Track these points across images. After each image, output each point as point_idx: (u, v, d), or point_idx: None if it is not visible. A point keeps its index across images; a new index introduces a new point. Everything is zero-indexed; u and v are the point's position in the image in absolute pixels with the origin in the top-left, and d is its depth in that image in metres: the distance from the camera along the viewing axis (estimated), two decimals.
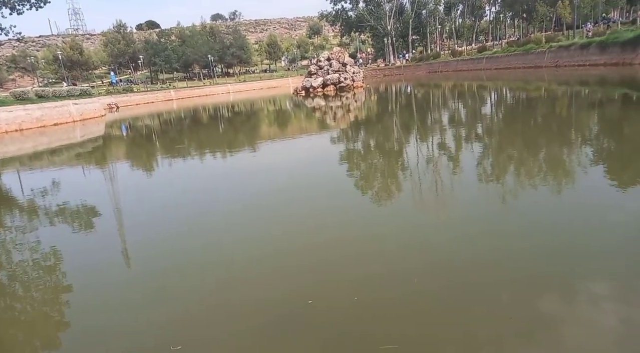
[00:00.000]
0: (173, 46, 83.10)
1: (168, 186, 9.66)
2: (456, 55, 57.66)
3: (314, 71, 40.08)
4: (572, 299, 3.52)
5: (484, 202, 6.14)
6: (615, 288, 3.63)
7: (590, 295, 3.54)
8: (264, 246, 5.29)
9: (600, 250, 4.29)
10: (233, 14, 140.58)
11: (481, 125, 13.80)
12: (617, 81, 22.33)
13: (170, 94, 65.11)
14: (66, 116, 31.20)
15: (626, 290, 3.57)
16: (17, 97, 30.71)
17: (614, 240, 4.47)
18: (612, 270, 3.88)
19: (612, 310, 3.33)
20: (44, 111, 29.26)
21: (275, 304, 3.86)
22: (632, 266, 3.93)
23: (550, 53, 37.15)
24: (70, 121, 31.23)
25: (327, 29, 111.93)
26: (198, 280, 4.57)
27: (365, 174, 8.88)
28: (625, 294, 3.51)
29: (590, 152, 8.51)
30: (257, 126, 22.18)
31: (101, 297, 4.41)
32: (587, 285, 3.68)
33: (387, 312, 3.58)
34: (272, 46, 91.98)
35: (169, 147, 17.08)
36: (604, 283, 3.72)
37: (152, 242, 5.91)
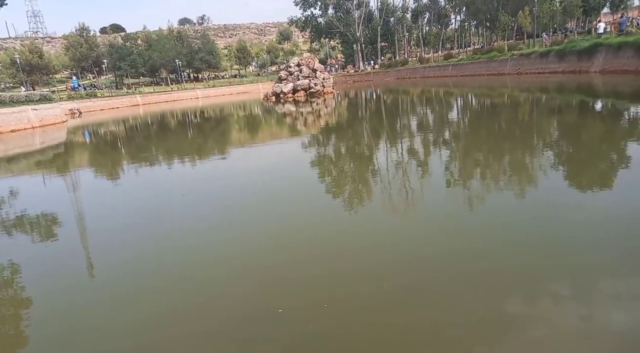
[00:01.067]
0: (139, 50, 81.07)
1: (133, 193, 9.37)
2: (423, 62, 58.97)
3: (284, 77, 40.06)
4: (537, 295, 3.61)
5: (450, 204, 6.26)
6: (576, 284, 3.75)
7: (553, 292, 3.64)
8: (231, 253, 5.21)
9: (561, 248, 4.44)
10: (201, 18, 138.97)
11: (448, 130, 14.13)
12: (575, 88, 23.40)
13: (137, 99, 63.42)
14: (24, 122, 29.84)
15: (586, 286, 3.71)
16: None
17: (574, 239, 4.65)
18: (572, 267, 4.02)
19: (572, 306, 3.44)
20: (0, 117, 27.88)
21: (245, 312, 3.79)
22: (591, 263, 4.09)
23: (513, 61, 38.58)
24: (29, 127, 29.88)
25: (297, 35, 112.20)
26: (163, 289, 4.44)
27: (336, 179, 8.90)
28: (585, 291, 3.64)
29: (550, 155, 8.85)
30: (227, 131, 21.90)
31: (64, 306, 4.22)
32: (550, 282, 3.80)
33: (358, 318, 3.58)
34: (242, 51, 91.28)
35: (135, 154, 16.60)
36: (565, 280, 3.84)
37: (116, 250, 5.69)
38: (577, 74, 29.26)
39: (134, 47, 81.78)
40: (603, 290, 3.66)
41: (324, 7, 74.41)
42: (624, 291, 3.62)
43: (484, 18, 57.34)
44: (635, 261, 4.08)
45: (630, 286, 3.68)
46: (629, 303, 3.45)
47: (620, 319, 3.24)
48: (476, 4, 55.06)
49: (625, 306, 3.40)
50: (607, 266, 4.03)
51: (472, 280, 4.01)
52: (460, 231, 5.23)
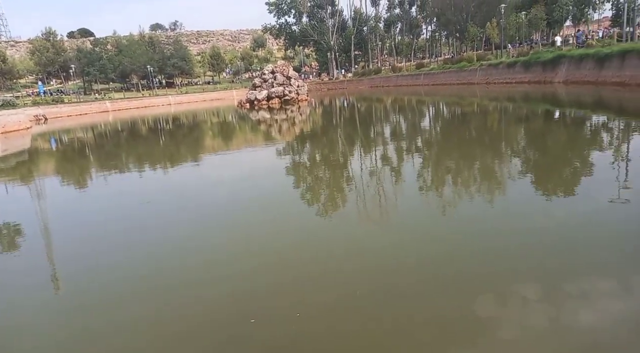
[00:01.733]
0: (109, 55, 79.24)
1: (101, 202, 9.08)
2: (396, 71, 60.01)
3: (259, 84, 39.95)
4: (504, 299, 3.70)
5: (422, 210, 6.36)
6: (543, 287, 3.86)
7: (520, 295, 3.74)
8: (202, 262, 5.11)
9: (529, 252, 4.57)
10: (174, 24, 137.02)
11: (421, 138, 14.39)
12: (540, 97, 24.30)
13: (106, 105, 61.77)
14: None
15: (554, 289, 3.82)
16: None
17: (541, 243, 4.79)
18: (539, 271, 4.14)
19: (540, 308, 3.53)
20: None
21: (217, 324, 3.72)
22: (558, 267, 4.22)
23: (482, 71, 39.76)
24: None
25: (272, 42, 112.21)
26: (132, 301, 4.31)
27: (311, 185, 8.90)
28: (554, 293, 3.75)
29: (518, 162, 9.13)
30: (200, 138, 21.59)
31: (29, 320, 4.02)
32: (518, 286, 3.89)
33: (331, 326, 3.56)
34: (215, 58, 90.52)
35: (104, 161, 16.14)
36: (532, 283, 3.95)
37: (82, 260, 5.49)
38: (542, 84, 30.40)
39: (103, 52, 79.86)
40: (569, 291, 3.78)
41: (297, 15, 74.85)
42: (590, 291, 3.75)
43: (454, 29, 58.99)
44: (604, 262, 4.24)
45: (596, 287, 3.82)
46: (595, 303, 3.57)
47: (586, 319, 3.35)
48: (446, 15, 56.64)
49: (591, 306, 3.52)
50: (574, 268, 4.17)
51: (443, 284, 4.06)
52: (432, 237, 5.32)
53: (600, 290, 3.78)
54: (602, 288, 3.81)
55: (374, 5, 73.01)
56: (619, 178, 7.07)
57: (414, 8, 72.28)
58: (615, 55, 23.36)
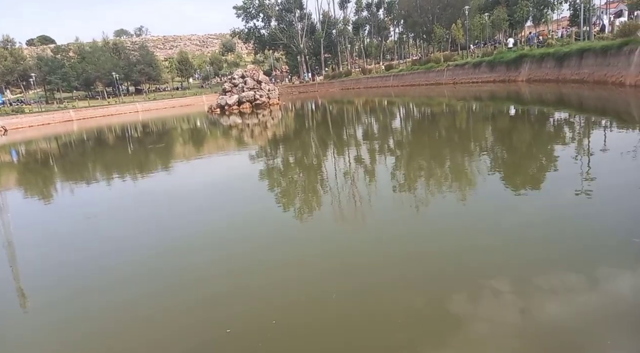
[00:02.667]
0: (71, 62, 76.72)
1: (68, 214, 8.74)
2: (366, 73, 60.61)
3: (229, 89, 39.48)
4: (478, 294, 3.74)
5: (396, 209, 6.40)
6: (514, 281, 3.93)
7: (493, 289, 3.79)
8: (175, 272, 4.97)
9: (499, 248, 4.66)
10: (139, 29, 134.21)
11: (393, 138, 14.55)
12: (505, 96, 25.02)
13: (70, 114, 59.65)
14: None
15: (523, 283, 3.89)
16: None
17: (510, 238, 4.89)
18: (509, 266, 4.23)
19: (511, 301, 3.60)
20: None
21: (193, 334, 3.60)
22: (527, 261, 4.31)
23: (449, 71, 40.65)
24: None
25: (241, 47, 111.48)
26: (102, 314, 4.13)
27: (284, 189, 8.83)
28: (523, 286, 3.83)
29: (486, 159, 9.34)
30: (170, 145, 21.13)
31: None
32: (490, 281, 3.95)
33: (308, 331, 3.52)
34: (184, 63, 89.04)
35: (69, 172, 15.56)
36: (503, 277, 4.02)
37: (50, 276, 5.24)
38: (506, 83, 31.34)
39: (65, 59, 77.31)
40: (539, 285, 3.86)
41: (266, 19, 74.63)
42: (559, 285, 3.84)
43: (420, 30, 60.09)
44: (572, 255, 4.36)
45: (565, 281, 3.92)
46: (563, 297, 3.66)
47: (553, 311, 3.43)
48: (413, 17, 57.66)
49: (559, 299, 3.60)
50: (542, 263, 4.27)
51: (417, 282, 4.09)
52: (406, 236, 5.35)
53: (569, 283, 3.87)
54: (571, 281, 3.92)
55: (342, 8, 73.61)
56: (582, 172, 7.33)
57: (382, 10, 73.31)
58: (574, 54, 24.33)
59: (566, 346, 3.03)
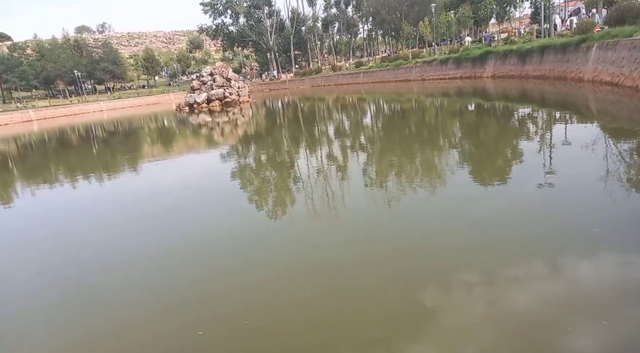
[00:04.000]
0: (30, 60, 73.37)
1: (29, 218, 8.36)
2: (336, 70, 60.77)
3: (197, 87, 38.76)
4: (448, 288, 3.83)
5: (368, 206, 6.45)
6: (483, 273, 4.04)
7: (464, 282, 3.89)
8: (142, 276, 4.84)
9: (468, 241, 4.78)
10: (102, 26, 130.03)
11: (364, 135, 14.66)
12: (471, 92, 25.65)
13: (29, 114, 57.04)
14: None
15: (491, 274, 4.01)
16: None
17: (478, 231, 5.02)
18: (479, 259, 4.34)
19: (481, 294, 3.69)
20: None
21: (164, 339, 3.52)
22: (495, 252, 4.44)
23: (417, 68, 41.29)
24: None
25: (209, 44, 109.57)
26: (71, 320, 3.98)
27: (257, 188, 8.75)
28: (492, 278, 3.94)
29: (456, 154, 9.56)
30: (137, 145, 20.55)
31: None
32: (461, 276, 4.05)
33: (281, 330, 3.50)
34: (150, 61, 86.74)
35: (31, 174, 14.89)
36: (474, 270, 4.12)
37: (9, 284, 5.00)
38: (472, 79, 32.13)
39: (23, 57, 73.85)
40: (505, 277, 3.98)
41: (234, 15, 73.62)
42: (524, 276, 3.97)
43: (389, 28, 60.80)
44: (537, 246, 4.51)
45: (530, 271, 4.05)
46: (528, 286, 3.78)
47: (519, 301, 3.54)
48: (381, 15, 58.29)
49: (525, 290, 3.73)
50: (508, 254, 4.40)
51: (389, 279, 4.14)
52: (378, 233, 5.40)
53: (534, 273, 4.01)
54: (536, 271, 4.05)
55: (310, 5, 73.46)
56: (545, 164, 7.60)
57: (350, 8, 73.64)
58: (536, 50, 25.18)
59: (532, 334, 3.13)
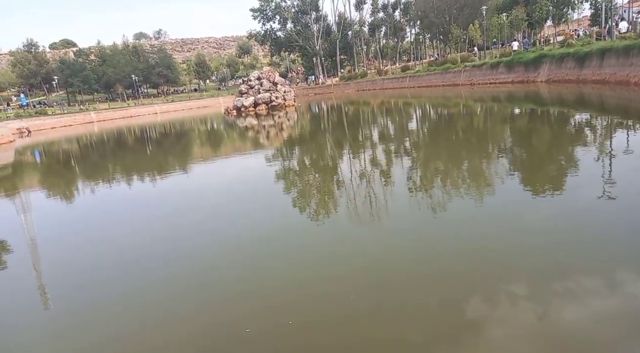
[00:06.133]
0: (92, 65, 78.42)
1: (89, 215, 8.95)
2: (382, 74, 60.39)
3: (245, 91, 39.85)
4: (496, 298, 3.72)
5: (414, 213, 6.38)
6: (531, 285, 3.89)
7: (509, 293, 3.77)
8: (193, 274, 5.05)
9: (516, 251, 4.61)
10: (157, 33, 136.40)
11: (410, 139, 14.48)
12: (523, 97, 24.65)
13: (91, 116, 61.03)
14: None
15: (542, 289, 3.85)
16: None
17: (529, 242, 4.84)
18: (529, 271, 4.18)
19: (530, 307, 3.56)
20: None
21: (212, 334, 3.68)
22: (547, 266, 4.26)
23: (466, 72, 40.24)
24: None
25: (257, 49, 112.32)
26: (122, 317, 4.23)
27: (301, 190, 8.88)
28: (541, 290, 3.79)
29: (506, 161, 9.23)
30: (188, 146, 21.44)
31: (14, 340, 3.92)
32: (506, 284, 3.92)
33: (325, 331, 3.55)
34: (201, 65, 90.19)
35: (91, 173, 15.93)
36: (522, 282, 3.98)
37: (71, 277, 5.39)
38: (525, 83, 30.87)
39: (86, 62, 79.03)
40: (557, 290, 3.82)
41: (282, 21, 75.05)
42: (579, 290, 3.79)
43: (437, 31, 59.69)
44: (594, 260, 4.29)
45: (583, 285, 3.86)
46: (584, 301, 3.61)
47: (573, 317, 3.39)
48: (429, 18, 57.30)
49: (580, 305, 3.56)
50: (564, 267, 4.21)
51: (431, 285, 4.08)
52: (424, 239, 5.34)
53: (589, 289, 3.82)
54: (591, 286, 3.86)
55: (357, 10, 73.61)
56: (605, 174, 7.19)
57: (398, 11, 73.00)
58: (595, 54, 23.83)
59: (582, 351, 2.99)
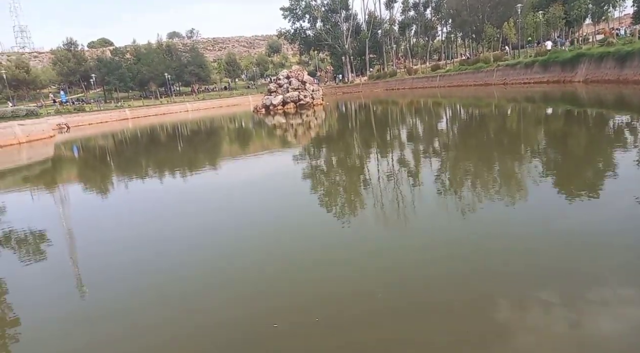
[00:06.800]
0: (128, 64, 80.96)
1: (124, 209, 9.27)
2: (412, 73, 59.67)
3: (274, 89, 40.23)
4: (528, 305, 3.63)
5: (444, 215, 6.29)
6: (566, 294, 3.78)
7: (541, 299, 3.67)
8: (223, 269, 5.15)
9: (548, 256, 4.48)
10: (190, 32, 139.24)
11: (439, 140, 14.27)
12: (559, 97, 23.85)
13: (125, 113, 63.09)
14: (10, 137, 29.48)
15: (576, 296, 3.73)
16: None
17: (565, 248, 4.69)
18: (563, 277, 4.06)
19: (564, 313, 3.46)
20: None
21: (242, 328, 3.76)
22: (582, 272, 4.13)
23: (499, 71, 39.26)
24: (15, 142, 29.53)
25: (286, 48, 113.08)
26: (158, 308, 4.37)
27: (327, 190, 8.90)
28: (574, 301, 3.67)
29: (539, 165, 8.95)
30: (217, 143, 21.86)
31: (54, 329, 4.12)
32: (538, 290, 3.82)
33: (349, 330, 3.56)
34: (231, 64, 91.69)
35: (125, 168, 16.46)
36: (556, 289, 3.87)
37: (107, 268, 5.61)
38: (561, 83, 29.85)
39: (122, 61, 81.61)
40: (590, 297, 3.69)
41: (312, 20, 75.26)
42: (613, 298, 3.65)
43: (469, 30, 58.43)
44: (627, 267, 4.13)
45: (618, 293, 3.72)
46: (617, 310, 3.48)
47: (606, 326, 3.27)
48: (462, 16, 56.16)
49: (613, 313, 3.43)
50: (596, 273, 4.07)
51: (459, 288, 4.02)
52: (451, 240, 5.26)
53: (623, 297, 3.68)
54: (625, 294, 3.72)
55: (388, 9, 72.94)
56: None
57: (429, 10, 71.95)
58: (637, 53, 22.79)
59: None
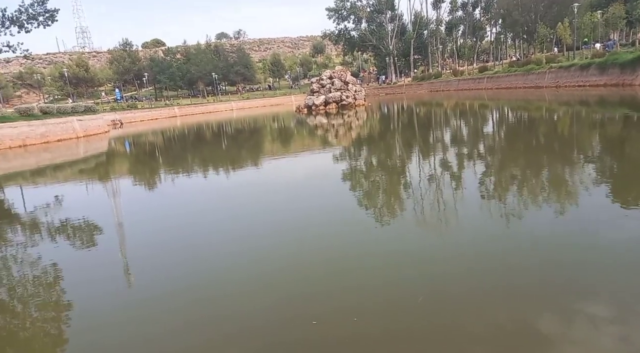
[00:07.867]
0: (178, 63, 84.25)
1: (172, 203, 9.66)
2: (457, 74, 58.23)
3: (317, 89, 40.50)
4: (572, 317, 3.47)
5: (487, 222, 6.12)
6: (613, 306, 3.58)
7: (583, 312, 3.49)
8: (266, 268, 5.26)
9: (601, 269, 4.25)
10: (237, 33, 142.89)
11: (484, 145, 13.84)
12: (617, 101, 22.47)
13: (174, 111, 65.73)
14: (70, 132, 31.47)
15: (625, 309, 3.53)
16: (22, 113, 30.95)
17: (614, 260, 4.44)
18: (612, 289, 3.84)
19: (609, 328, 3.28)
20: (47, 127, 29.52)
21: (282, 325, 3.84)
22: (633, 285, 3.89)
23: (551, 74, 37.52)
24: (74, 137, 31.49)
25: (330, 48, 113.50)
26: (202, 302, 4.53)
27: (367, 192, 8.87)
28: (624, 314, 3.47)
29: (592, 172, 8.49)
30: (260, 142, 22.31)
31: (101, 314, 4.38)
32: (586, 303, 3.64)
33: (386, 331, 3.55)
34: (276, 64, 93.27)
35: (173, 163, 17.16)
36: (603, 301, 3.67)
37: (154, 260, 5.89)
38: (620, 87, 28.11)
39: (173, 61, 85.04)
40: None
41: (357, 20, 75.14)
42: None
43: (521, 30, 56.19)
44: None
45: None
46: None
47: None
48: (513, 16, 54.10)
49: None
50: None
51: (498, 297, 3.90)
52: (495, 248, 5.11)
53: None
54: None
55: (435, 9, 71.57)
56: None
57: (478, 10, 69.89)
58: None
59: None
